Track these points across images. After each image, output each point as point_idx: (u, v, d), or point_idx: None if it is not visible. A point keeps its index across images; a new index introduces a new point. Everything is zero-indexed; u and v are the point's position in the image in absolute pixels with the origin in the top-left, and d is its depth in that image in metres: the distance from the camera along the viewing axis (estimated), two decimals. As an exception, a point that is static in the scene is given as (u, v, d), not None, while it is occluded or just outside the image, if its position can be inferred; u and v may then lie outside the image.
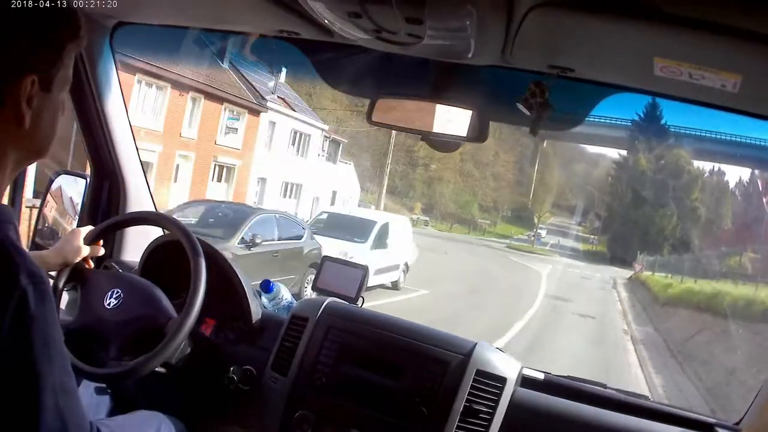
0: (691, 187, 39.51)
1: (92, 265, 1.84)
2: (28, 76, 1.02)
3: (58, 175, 2.18)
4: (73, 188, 2.15)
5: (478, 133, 1.56)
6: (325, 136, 29.91)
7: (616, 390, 1.82)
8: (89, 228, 1.82)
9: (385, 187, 33.77)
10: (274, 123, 24.01)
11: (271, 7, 1.44)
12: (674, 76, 1.27)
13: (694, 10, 1.07)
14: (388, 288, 13.78)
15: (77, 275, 1.79)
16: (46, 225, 2.17)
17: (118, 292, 1.71)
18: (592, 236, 45.16)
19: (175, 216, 2.16)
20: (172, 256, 1.83)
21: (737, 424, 1.73)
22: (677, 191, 39.47)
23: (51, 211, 2.17)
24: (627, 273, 30.20)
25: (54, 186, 2.17)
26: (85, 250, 1.78)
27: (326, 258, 2.09)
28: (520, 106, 1.47)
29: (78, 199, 2.14)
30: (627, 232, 39.62)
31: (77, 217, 2.14)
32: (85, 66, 1.96)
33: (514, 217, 47.71)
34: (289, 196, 26.83)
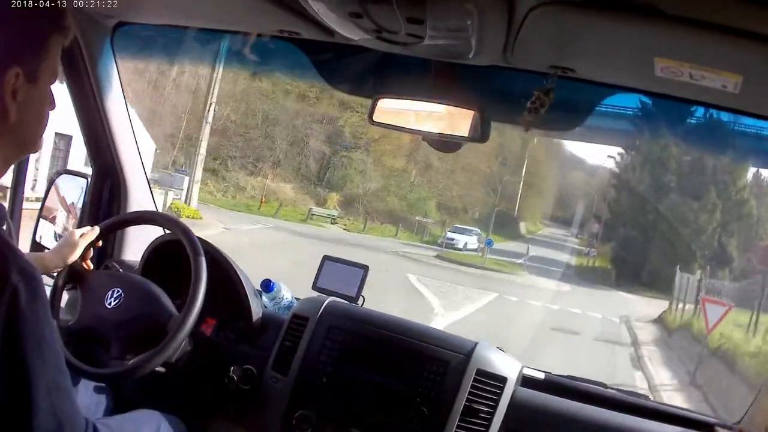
0: (738, 170, 25.07)
1: (91, 265, 1.84)
2: (12, 68, 1.01)
3: (59, 174, 2.19)
4: (74, 188, 2.15)
5: (480, 133, 1.56)
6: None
7: (617, 390, 1.82)
8: (86, 229, 1.82)
9: (201, 151, 23.05)
10: None
11: (272, 7, 1.44)
12: (675, 77, 1.28)
13: (694, 10, 1.08)
14: None
15: (76, 276, 1.79)
16: (47, 224, 2.17)
17: (118, 291, 1.71)
18: (589, 248, 31.06)
19: None
20: (173, 256, 1.83)
21: (737, 423, 1.73)
22: (719, 175, 25.15)
23: (52, 211, 2.18)
24: (646, 305, 19.00)
25: (55, 185, 2.17)
26: (82, 249, 1.78)
27: (326, 258, 2.09)
28: (527, 113, 1.47)
29: (79, 199, 2.14)
30: (642, 238, 26.25)
31: (78, 216, 2.14)
32: (86, 66, 1.96)
33: (495, 224, 34.45)
34: None
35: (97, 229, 1.81)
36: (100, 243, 1.84)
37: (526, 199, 38.80)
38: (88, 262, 1.82)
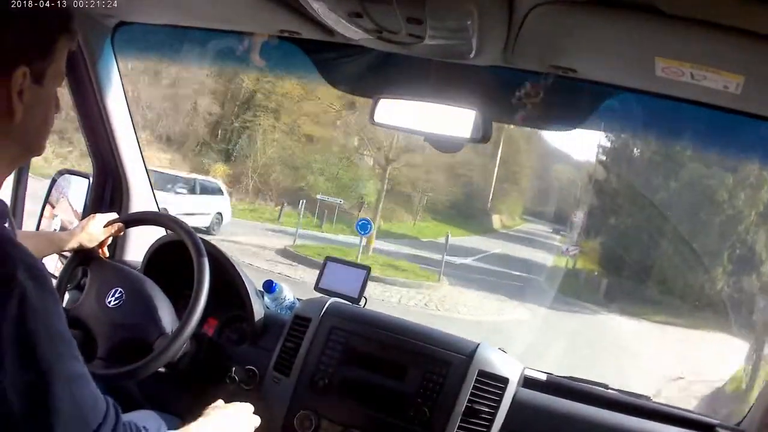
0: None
1: (107, 253, 1.86)
2: (20, 67, 1.01)
3: (61, 174, 2.19)
4: (76, 188, 2.16)
5: (481, 133, 1.56)
6: None
7: (618, 391, 1.81)
8: (110, 215, 1.85)
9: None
10: None
11: (273, 7, 1.44)
12: (676, 77, 1.27)
13: (696, 10, 1.07)
14: None
15: (87, 261, 1.81)
16: (48, 224, 2.17)
17: (120, 291, 1.71)
18: (569, 245, 21.39)
19: None
20: (176, 256, 1.83)
21: (738, 424, 1.72)
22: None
23: (53, 211, 2.18)
24: (667, 346, 11.54)
25: (56, 186, 2.17)
26: (101, 236, 1.81)
27: (329, 258, 2.09)
28: (521, 108, 1.47)
29: (80, 199, 2.14)
30: (646, 228, 16.43)
31: (80, 216, 2.14)
32: (87, 66, 1.97)
33: (459, 216, 26.90)
34: None
35: (119, 222, 1.85)
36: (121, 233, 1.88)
37: (503, 191, 31.47)
38: (105, 250, 1.85)
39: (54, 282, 1.77)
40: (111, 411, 1.09)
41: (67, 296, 1.90)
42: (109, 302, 1.71)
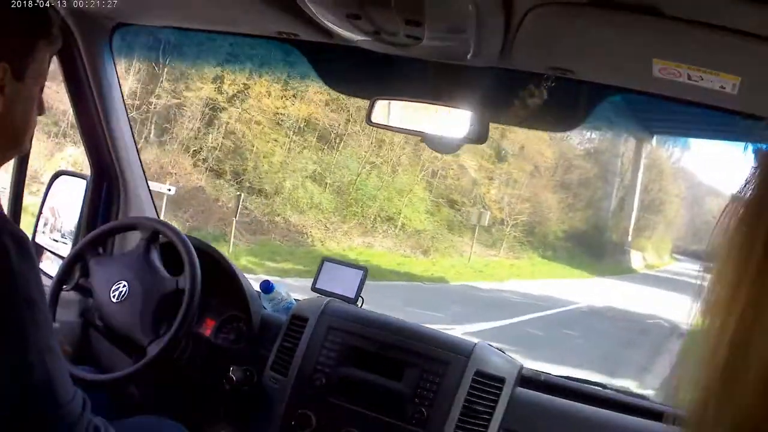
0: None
1: None
2: (0, 63, 1.07)
3: (58, 175, 2.19)
4: (73, 189, 2.15)
5: (478, 134, 1.56)
6: None
7: (616, 390, 1.82)
8: None
9: None
10: None
11: (270, 8, 1.45)
12: (673, 78, 1.27)
13: (693, 11, 1.08)
14: None
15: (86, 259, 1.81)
16: (46, 225, 2.17)
17: (124, 284, 1.72)
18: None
19: None
20: (172, 255, 1.83)
21: None
22: None
23: (51, 211, 2.17)
24: None
25: (54, 186, 2.17)
26: None
27: (326, 259, 2.09)
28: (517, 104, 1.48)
29: (78, 200, 2.13)
30: None
31: (77, 218, 2.14)
32: (85, 67, 1.96)
33: (583, 252, 20.56)
34: None
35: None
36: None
37: (647, 223, 24.68)
38: None
39: (49, 282, 1.78)
40: (79, 396, 1.10)
41: (63, 296, 1.89)
42: (114, 296, 1.71)
